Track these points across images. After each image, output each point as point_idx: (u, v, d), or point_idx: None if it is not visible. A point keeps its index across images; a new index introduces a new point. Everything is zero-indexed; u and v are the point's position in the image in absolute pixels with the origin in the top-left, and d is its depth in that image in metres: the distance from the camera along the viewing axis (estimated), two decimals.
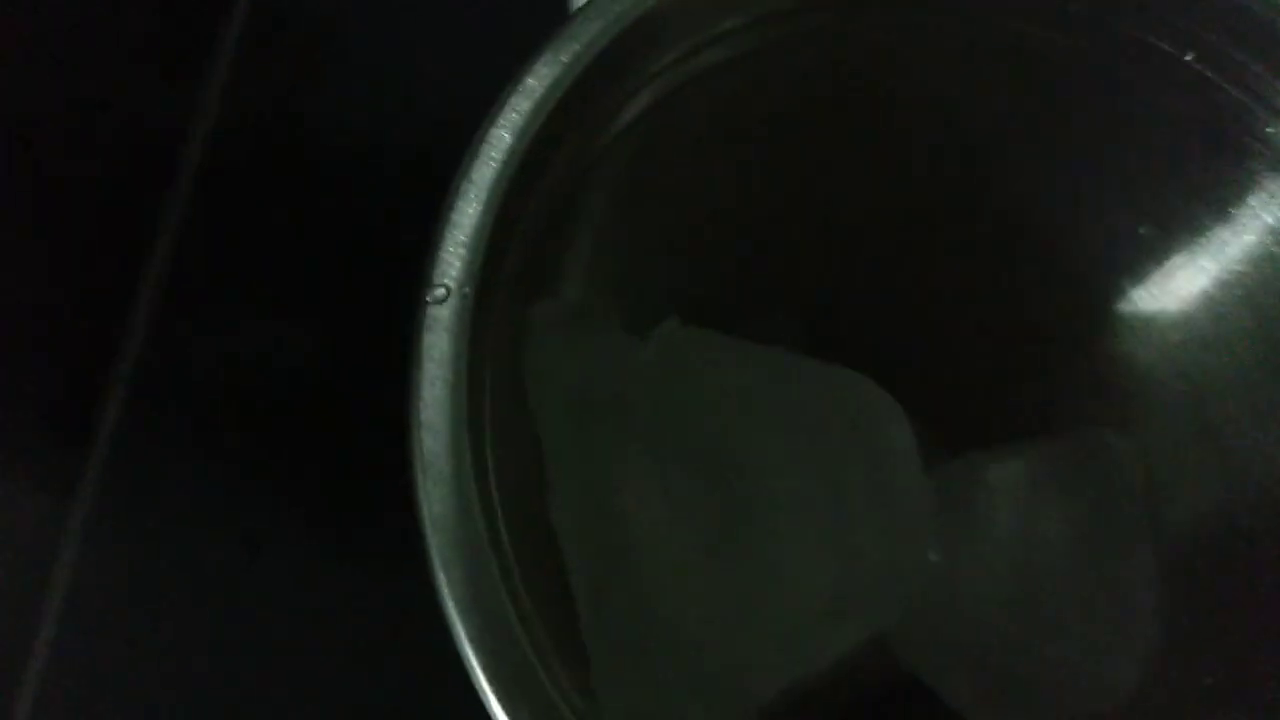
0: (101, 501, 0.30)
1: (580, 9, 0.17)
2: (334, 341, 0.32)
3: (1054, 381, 0.24)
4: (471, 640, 0.14)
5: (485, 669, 0.13)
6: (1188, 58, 0.19)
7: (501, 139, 0.16)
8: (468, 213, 0.15)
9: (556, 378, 0.18)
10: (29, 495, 0.30)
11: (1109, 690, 0.21)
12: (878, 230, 0.22)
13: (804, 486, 0.18)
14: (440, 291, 0.15)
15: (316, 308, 0.33)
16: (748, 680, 0.17)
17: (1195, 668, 0.21)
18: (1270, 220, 0.19)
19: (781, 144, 0.20)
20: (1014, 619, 0.22)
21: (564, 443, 0.18)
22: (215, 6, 0.34)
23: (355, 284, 0.33)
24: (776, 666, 0.17)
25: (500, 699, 0.14)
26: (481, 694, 0.13)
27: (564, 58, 0.16)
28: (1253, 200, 0.20)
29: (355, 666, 0.30)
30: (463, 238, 0.15)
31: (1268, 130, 0.19)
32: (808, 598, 0.17)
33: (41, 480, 0.30)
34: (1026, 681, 0.22)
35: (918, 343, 0.23)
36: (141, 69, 0.33)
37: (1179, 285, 0.22)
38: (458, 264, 0.15)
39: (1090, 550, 0.22)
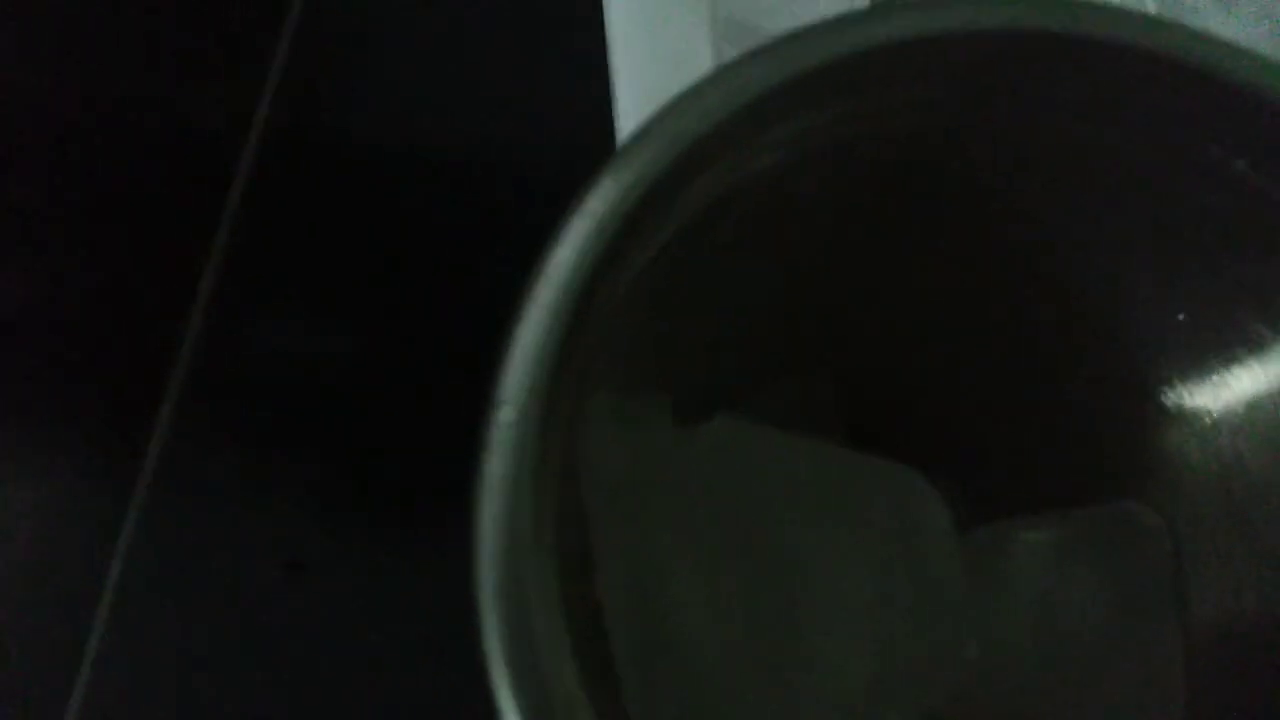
0: (155, 505, 0.31)
1: (640, 129, 0.17)
2: (388, 351, 0.33)
3: (1085, 455, 0.24)
4: None
5: None
6: (1238, 164, 0.19)
7: (566, 259, 0.16)
8: (533, 332, 0.16)
9: (607, 470, 0.19)
10: (85, 498, 0.31)
11: None
12: (923, 312, 0.22)
13: (846, 579, 0.19)
14: (506, 412, 0.16)
15: (372, 316, 0.33)
16: None
17: None
18: None
19: (830, 242, 0.20)
20: (1043, 694, 0.23)
21: (613, 535, 0.18)
22: (268, 9, 0.34)
23: (411, 292, 0.33)
24: None
25: None
26: None
27: (627, 177, 0.17)
28: None
29: (393, 685, 0.31)
30: (528, 359, 0.16)
31: None
32: (848, 689, 0.18)
33: (97, 483, 0.31)
34: None
35: (956, 414, 0.24)
36: (193, 71, 0.34)
37: (1215, 372, 0.22)
38: (525, 386, 0.16)
39: (1119, 625, 0.23)
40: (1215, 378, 0.22)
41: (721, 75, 0.17)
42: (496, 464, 0.15)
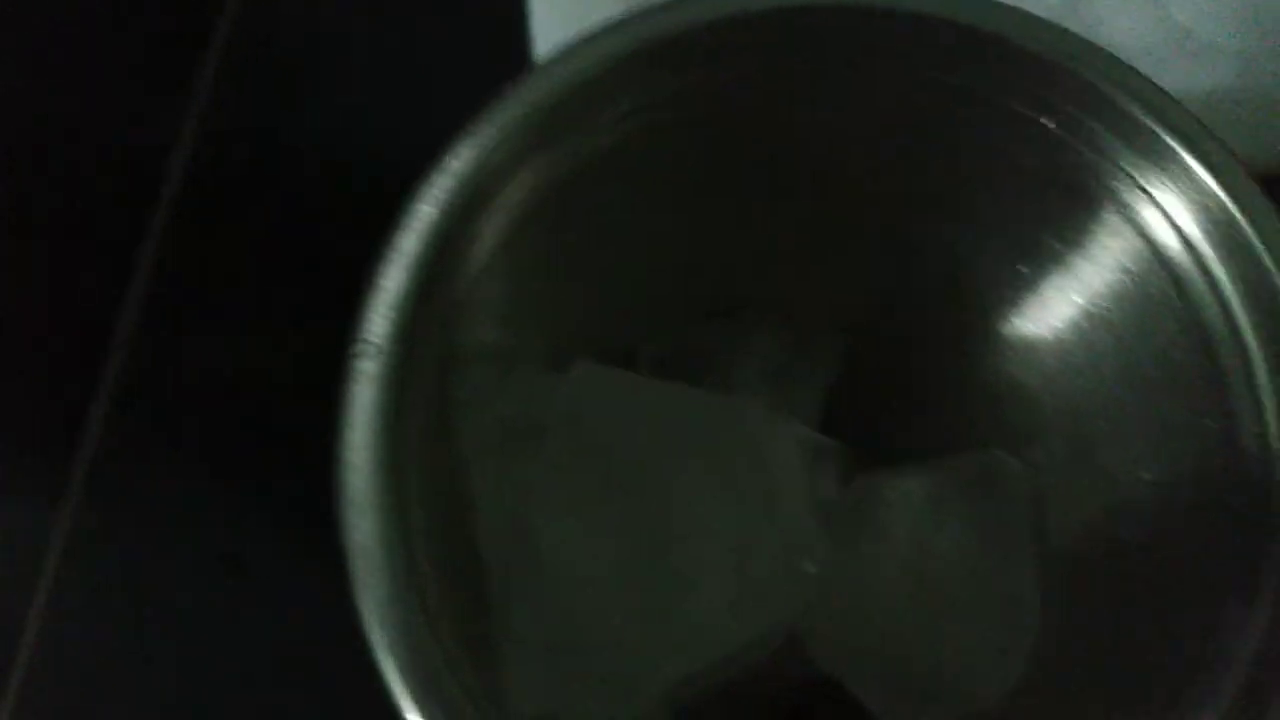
0: (85, 514, 0.31)
1: (500, 93, 0.19)
2: (313, 359, 0.34)
3: (953, 406, 0.26)
4: (387, 649, 0.16)
5: (399, 673, 0.16)
6: (1045, 121, 0.21)
7: (426, 213, 0.18)
8: (394, 278, 0.18)
9: (482, 411, 0.20)
10: (13, 509, 0.31)
11: (998, 687, 0.24)
12: (780, 276, 0.24)
13: (703, 507, 0.21)
14: (366, 348, 0.17)
15: (297, 326, 0.34)
16: (646, 673, 0.19)
17: (1069, 666, 0.23)
18: (1123, 260, 0.22)
19: (688, 201, 0.22)
20: (915, 624, 0.24)
21: (487, 470, 0.20)
22: (196, 28, 0.36)
23: (334, 303, 0.34)
24: (672, 661, 0.20)
25: (413, 698, 0.16)
26: (394, 695, 0.16)
27: (485, 141, 0.19)
28: (1108, 242, 0.22)
29: (332, 680, 0.31)
30: (389, 300, 0.18)
31: (1115, 184, 0.21)
32: (702, 602, 0.20)
33: (25, 495, 0.31)
34: (928, 680, 0.24)
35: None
36: (121, 88, 0.35)
37: (1054, 317, 0.24)
38: (384, 324, 0.17)
39: (984, 561, 0.25)
40: (1056, 322, 0.24)
41: (573, 50, 0.19)
42: (355, 393, 0.17)
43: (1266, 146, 0.31)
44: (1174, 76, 0.29)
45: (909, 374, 0.27)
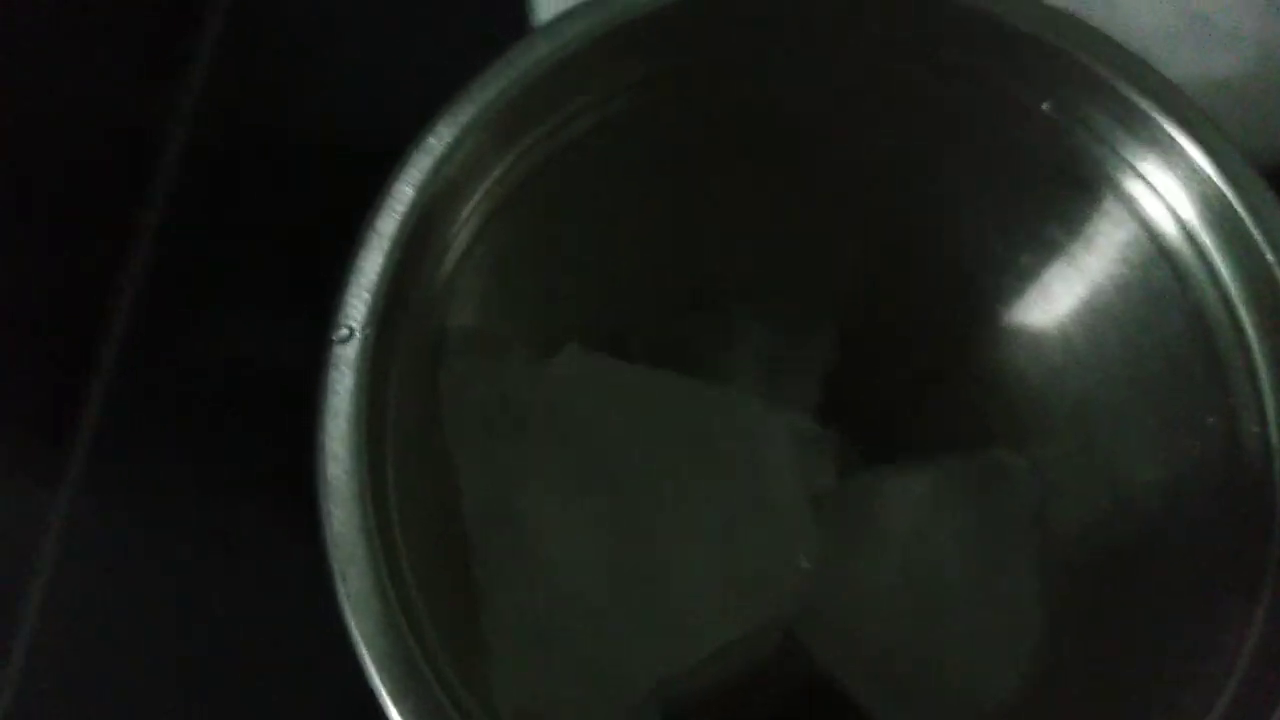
0: (82, 498, 0.31)
1: (479, 73, 0.19)
2: (311, 338, 0.33)
3: (955, 399, 0.26)
4: (365, 641, 0.16)
5: (377, 666, 0.16)
6: (1045, 107, 0.21)
7: (404, 193, 0.18)
8: (371, 261, 0.17)
9: (466, 398, 0.20)
10: (12, 492, 0.31)
11: (999, 694, 0.23)
12: (772, 265, 0.24)
13: (691, 497, 0.20)
14: (344, 332, 0.17)
15: (294, 309, 0.34)
16: (631, 669, 0.19)
17: (1071, 667, 0.22)
18: (1126, 251, 0.21)
19: (675, 188, 0.22)
20: (914, 626, 0.24)
21: (472, 457, 0.20)
22: (195, 6, 0.35)
23: (332, 286, 0.34)
24: (659, 656, 0.19)
25: (391, 692, 0.16)
26: (372, 684, 0.15)
27: (462, 119, 0.18)
28: (1112, 234, 0.21)
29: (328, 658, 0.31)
30: (366, 283, 0.17)
31: (1116, 173, 0.20)
32: (691, 595, 0.19)
33: (25, 477, 0.31)
34: (926, 685, 0.24)
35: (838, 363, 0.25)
36: (119, 64, 0.35)
37: (1059, 310, 0.23)
38: (361, 308, 0.17)
39: (985, 563, 0.24)
40: (1062, 316, 0.23)
41: (553, 27, 0.19)
42: (334, 379, 0.17)
43: None
44: (1192, 64, 0.30)
45: (909, 366, 0.26)
